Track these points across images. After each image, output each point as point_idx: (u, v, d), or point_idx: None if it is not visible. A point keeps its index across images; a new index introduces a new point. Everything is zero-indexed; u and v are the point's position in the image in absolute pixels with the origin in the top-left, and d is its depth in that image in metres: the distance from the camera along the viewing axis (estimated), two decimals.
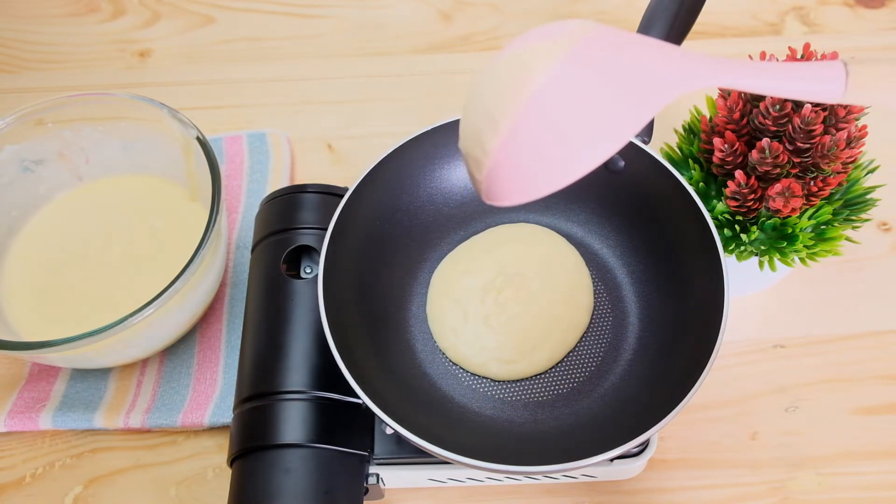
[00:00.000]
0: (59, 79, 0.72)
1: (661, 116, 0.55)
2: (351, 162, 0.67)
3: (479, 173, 0.30)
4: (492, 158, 0.29)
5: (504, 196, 0.30)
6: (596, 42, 0.29)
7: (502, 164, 0.29)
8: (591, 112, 0.28)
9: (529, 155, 0.29)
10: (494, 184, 0.30)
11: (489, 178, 0.30)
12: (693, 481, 0.52)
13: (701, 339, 0.43)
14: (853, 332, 0.57)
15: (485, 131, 0.29)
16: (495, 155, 0.29)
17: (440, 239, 0.54)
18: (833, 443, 0.53)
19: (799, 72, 0.31)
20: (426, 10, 0.76)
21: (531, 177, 0.29)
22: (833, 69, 0.31)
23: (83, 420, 0.53)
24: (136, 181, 0.60)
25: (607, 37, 0.30)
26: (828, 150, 0.46)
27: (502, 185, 0.30)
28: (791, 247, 0.49)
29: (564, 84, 0.28)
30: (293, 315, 0.49)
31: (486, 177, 0.30)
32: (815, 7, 0.75)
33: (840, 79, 0.31)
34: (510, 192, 0.30)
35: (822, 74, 0.31)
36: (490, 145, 0.29)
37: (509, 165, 0.29)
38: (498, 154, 0.29)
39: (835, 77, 0.31)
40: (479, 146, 0.29)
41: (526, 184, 0.29)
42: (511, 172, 0.29)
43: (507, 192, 0.30)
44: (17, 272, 0.56)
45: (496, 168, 0.29)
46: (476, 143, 0.30)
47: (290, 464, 0.44)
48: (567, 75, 0.28)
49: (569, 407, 0.48)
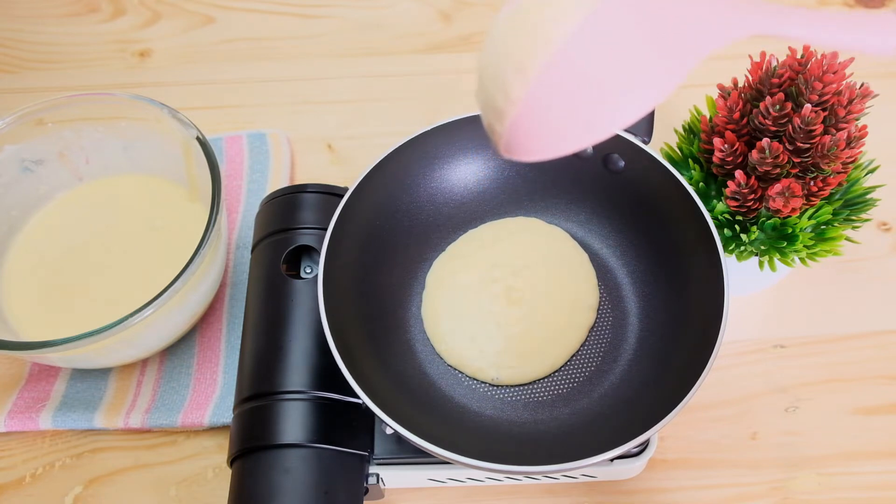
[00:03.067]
0: (59, 79, 0.72)
1: (661, 116, 0.55)
2: (351, 162, 0.67)
3: (501, 124, 0.28)
4: (517, 108, 0.27)
5: (526, 150, 0.28)
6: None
7: (528, 114, 0.27)
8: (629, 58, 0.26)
9: (560, 105, 0.26)
10: (517, 136, 0.28)
11: (511, 130, 0.28)
12: (693, 481, 0.52)
13: (701, 339, 0.43)
14: (853, 332, 0.57)
15: (510, 78, 0.27)
16: (521, 104, 0.27)
17: (440, 239, 0.54)
18: (833, 443, 0.53)
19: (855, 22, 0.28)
20: (426, 10, 0.76)
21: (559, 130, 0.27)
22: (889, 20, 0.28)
23: (83, 420, 0.53)
24: (136, 181, 0.60)
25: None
26: (828, 150, 0.46)
27: (526, 138, 0.28)
28: (791, 247, 0.49)
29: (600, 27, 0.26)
30: (293, 315, 0.49)
31: (509, 128, 0.28)
32: (815, 7, 0.75)
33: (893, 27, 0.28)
34: (534, 147, 0.28)
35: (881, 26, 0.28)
36: (516, 93, 0.27)
37: (536, 116, 0.27)
38: (525, 103, 0.27)
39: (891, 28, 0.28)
40: (503, 94, 0.27)
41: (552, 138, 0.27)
42: (537, 124, 0.27)
43: (530, 145, 0.28)
44: (17, 272, 0.56)
45: (521, 119, 0.27)
46: (499, 91, 0.27)
47: (290, 464, 0.44)
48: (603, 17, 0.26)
49: (569, 407, 0.48)
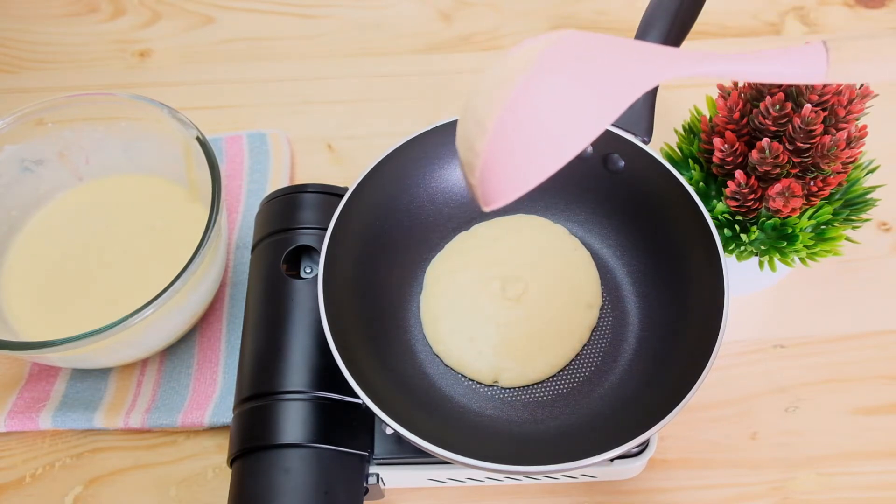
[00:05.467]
0: (59, 79, 0.72)
1: (661, 116, 0.55)
2: (351, 162, 0.67)
3: (473, 177, 0.32)
4: (482, 158, 0.31)
5: (497, 193, 0.32)
6: (571, 44, 0.32)
7: (491, 161, 0.31)
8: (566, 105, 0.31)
9: (515, 149, 0.31)
10: (487, 183, 0.32)
11: (482, 179, 0.32)
12: (693, 481, 0.52)
13: (701, 339, 0.43)
14: (853, 332, 0.57)
15: (474, 134, 0.32)
16: (484, 154, 0.31)
17: (440, 239, 0.54)
18: (833, 443, 0.53)
19: (780, 55, 0.33)
20: (426, 10, 0.76)
21: (519, 168, 0.31)
22: (813, 50, 0.33)
23: (83, 420, 0.53)
24: (136, 181, 0.60)
25: (584, 39, 0.32)
26: (828, 150, 0.46)
27: (494, 183, 0.32)
28: (791, 247, 0.49)
29: (540, 82, 0.31)
30: (293, 315, 0.49)
31: (479, 178, 0.32)
32: (815, 7, 0.75)
33: (821, 58, 0.32)
34: (503, 188, 0.32)
35: (803, 56, 0.33)
36: (479, 146, 0.31)
37: (498, 161, 0.31)
38: (486, 152, 0.31)
39: (816, 57, 0.32)
40: (471, 149, 0.32)
41: (515, 176, 0.31)
42: (500, 168, 0.32)
43: (499, 188, 0.32)
44: (17, 272, 0.56)
45: (486, 167, 0.32)
46: (468, 148, 0.32)
47: (290, 464, 0.44)
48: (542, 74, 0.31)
49: (569, 407, 0.48)
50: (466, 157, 0.33)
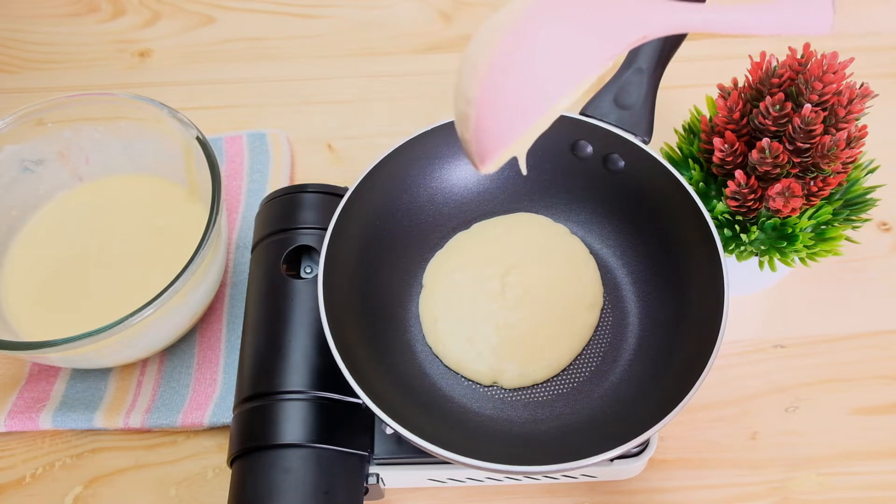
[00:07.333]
0: (59, 79, 0.72)
1: (661, 116, 0.55)
2: (351, 162, 0.67)
3: (468, 130, 0.32)
4: (474, 106, 0.32)
5: (491, 143, 0.32)
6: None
7: (484, 107, 0.32)
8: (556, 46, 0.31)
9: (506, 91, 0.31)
10: (480, 133, 0.32)
11: (475, 129, 0.32)
12: (693, 481, 0.52)
13: (701, 339, 0.43)
14: (853, 332, 0.57)
15: (468, 80, 0.32)
16: (476, 101, 0.32)
17: (440, 239, 0.54)
18: (833, 443, 0.53)
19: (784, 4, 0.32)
20: (426, 10, 0.76)
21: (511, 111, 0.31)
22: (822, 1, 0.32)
23: (83, 420, 0.53)
24: (136, 181, 0.60)
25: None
26: (828, 150, 0.46)
27: (487, 132, 0.32)
28: (791, 247, 0.49)
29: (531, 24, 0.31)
30: (293, 315, 0.49)
31: (473, 128, 0.32)
32: None
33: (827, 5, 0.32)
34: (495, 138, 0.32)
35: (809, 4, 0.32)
36: (472, 92, 0.32)
37: (490, 106, 0.32)
38: (479, 99, 0.32)
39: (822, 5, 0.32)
40: (465, 98, 0.32)
41: (507, 120, 0.32)
42: (492, 113, 0.32)
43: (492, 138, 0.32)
44: (17, 272, 0.56)
45: (479, 115, 0.32)
46: (463, 97, 0.32)
47: (290, 464, 0.44)
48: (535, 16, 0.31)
49: (569, 407, 0.48)
50: (461, 109, 0.33)
